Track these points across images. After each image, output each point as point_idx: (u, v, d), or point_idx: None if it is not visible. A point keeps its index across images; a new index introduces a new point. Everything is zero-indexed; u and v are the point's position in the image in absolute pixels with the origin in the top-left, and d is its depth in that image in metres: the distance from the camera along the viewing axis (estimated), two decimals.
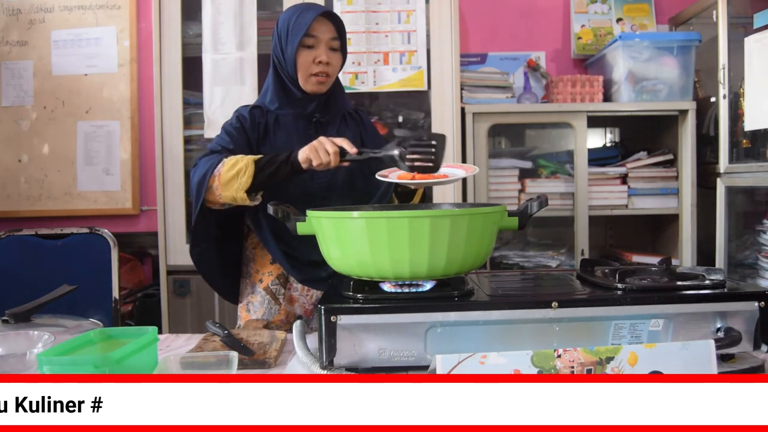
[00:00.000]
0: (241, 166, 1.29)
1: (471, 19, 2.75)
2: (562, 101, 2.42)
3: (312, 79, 1.41)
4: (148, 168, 2.71)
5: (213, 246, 1.49)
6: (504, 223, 1.10)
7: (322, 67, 1.40)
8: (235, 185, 1.28)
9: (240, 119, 1.45)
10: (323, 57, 1.39)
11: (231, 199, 1.31)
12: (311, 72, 1.41)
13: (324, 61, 1.40)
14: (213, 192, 1.33)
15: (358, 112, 1.57)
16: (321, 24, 1.40)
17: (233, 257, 1.56)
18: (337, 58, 1.44)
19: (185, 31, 2.34)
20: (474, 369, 0.77)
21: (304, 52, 1.40)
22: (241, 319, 1.54)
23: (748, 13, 2.11)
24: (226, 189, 1.30)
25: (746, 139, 2.19)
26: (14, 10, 2.74)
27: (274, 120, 1.45)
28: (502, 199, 2.41)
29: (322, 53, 1.40)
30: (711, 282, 1.04)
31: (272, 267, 1.49)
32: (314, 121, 1.46)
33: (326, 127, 1.48)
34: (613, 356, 0.79)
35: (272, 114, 1.45)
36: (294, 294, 1.49)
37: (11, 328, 1.20)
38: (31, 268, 2.21)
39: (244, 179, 1.28)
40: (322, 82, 1.42)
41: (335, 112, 1.50)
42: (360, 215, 1.00)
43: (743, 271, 2.22)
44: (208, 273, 1.54)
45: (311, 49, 1.40)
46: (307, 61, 1.40)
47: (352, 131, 1.51)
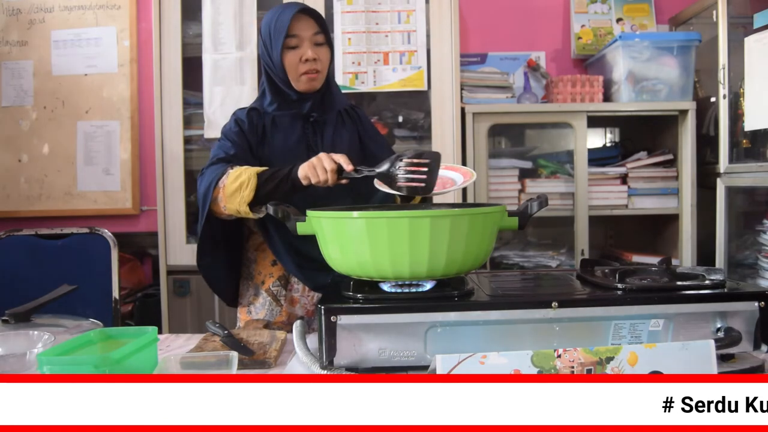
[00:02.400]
0: (243, 179, 1.28)
1: (471, 19, 2.75)
2: (562, 101, 2.42)
3: (303, 78, 1.40)
4: (148, 168, 2.71)
5: (221, 256, 1.49)
6: (504, 223, 1.10)
7: (310, 65, 1.39)
8: (238, 198, 1.28)
9: (238, 123, 1.44)
10: (309, 54, 1.38)
11: (235, 212, 1.31)
12: (300, 71, 1.40)
13: (310, 58, 1.38)
14: (218, 203, 1.33)
15: (354, 109, 1.55)
16: (300, 21, 1.39)
17: (234, 260, 1.55)
18: (324, 52, 1.42)
19: (185, 31, 2.34)
20: (474, 369, 0.77)
21: (289, 53, 1.39)
22: (240, 321, 1.53)
23: (748, 13, 2.11)
24: (230, 201, 1.29)
25: (746, 139, 2.19)
26: (14, 10, 2.74)
27: (271, 121, 1.44)
28: (502, 199, 2.40)
29: (307, 50, 1.39)
30: (711, 282, 1.04)
31: (273, 269, 1.49)
32: (311, 121, 1.46)
33: (323, 126, 1.47)
34: (613, 356, 0.79)
35: (269, 116, 1.45)
36: (295, 295, 1.48)
37: (11, 328, 1.20)
38: (31, 268, 2.21)
39: (246, 192, 1.27)
40: (313, 78, 1.41)
41: (331, 110, 1.49)
42: (360, 215, 1.00)
43: (743, 271, 2.22)
44: (215, 282, 1.53)
45: (296, 49, 1.39)
46: (294, 61, 1.39)
47: (349, 129, 1.50)
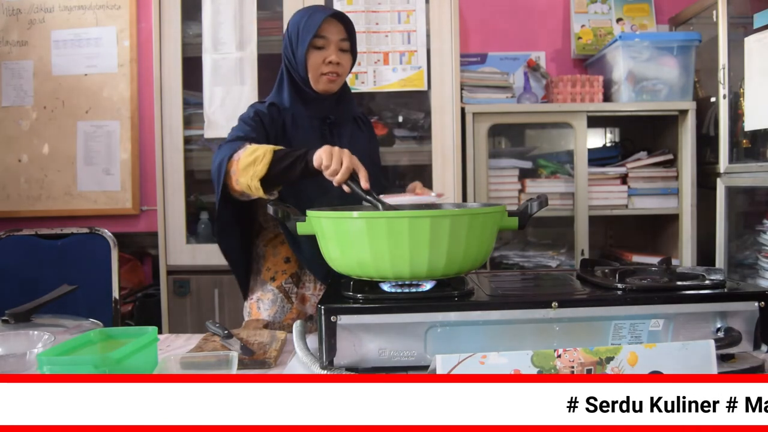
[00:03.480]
0: (259, 153, 1.23)
1: (471, 19, 2.75)
2: (562, 101, 2.42)
3: (322, 78, 1.42)
4: (148, 168, 2.71)
5: (238, 236, 1.48)
6: (504, 223, 1.10)
7: (332, 67, 1.41)
8: (251, 172, 1.22)
9: (259, 114, 1.42)
10: (333, 57, 1.40)
11: (246, 187, 1.25)
12: (321, 72, 1.41)
13: (334, 61, 1.40)
14: (231, 177, 1.28)
15: (367, 118, 1.59)
16: (331, 25, 1.40)
17: (248, 253, 1.55)
18: (347, 59, 1.45)
19: (185, 31, 2.34)
20: (474, 369, 0.77)
21: (314, 53, 1.40)
22: (251, 316, 1.53)
23: (748, 13, 2.11)
24: (242, 175, 1.24)
25: (746, 139, 2.19)
26: (14, 10, 2.74)
27: (291, 119, 1.45)
28: (502, 199, 2.40)
29: (332, 54, 1.40)
30: (711, 282, 1.04)
31: (286, 266, 1.49)
32: (328, 122, 1.47)
33: (340, 128, 1.49)
34: (613, 356, 0.79)
35: (288, 112, 1.45)
36: (306, 293, 1.49)
37: (11, 328, 1.20)
38: (31, 268, 2.21)
39: (260, 167, 1.22)
40: (332, 80, 1.42)
41: (347, 114, 1.52)
42: (360, 215, 1.00)
43: (743, 271, 2.22)
44: (236, 265, 1.51)
45: (321, 50, 1.41)
46: (317, 61, 1.41)
47: (364, 137, 1.54)
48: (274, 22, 2.34)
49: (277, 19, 2.33)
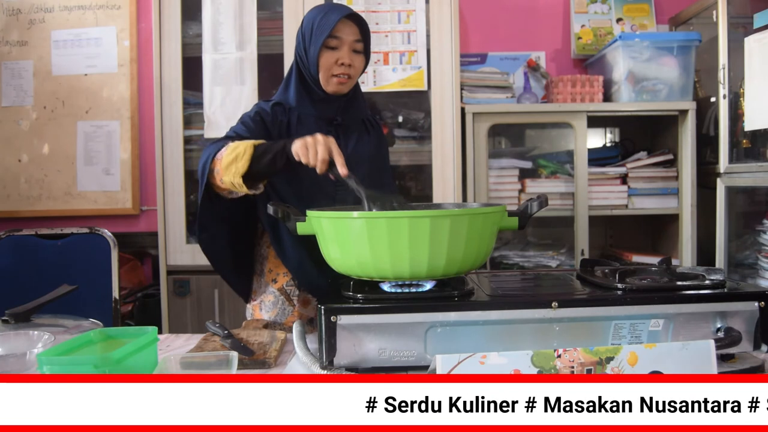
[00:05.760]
0: (240, 150, 1.22)
1: (471, 19, 2.75)
2: (562, 101, 2.42)
3: (333, 80, 1.39)
4: (148, 168, 2.71)
5: (224, 234, 1.45)
6: (504, 223, 1.10)
7: (344, 69, 1.38)
8: (233, 170, 1.21)
9: (261, 113, 1.42)
10: (346, 59, 1.37)
11: (230, 185, 1.24)
12: (333, 72, 1.39)
13: (346, 63, 1.38)
14: (215, 176, 1.27)
15: (377, 121, 1.57)
16: (345, 25, 1.38)
17: (247, 253, 1.53)
18: (360, 60, 1.42)
19: (185, 31, 2.34)
20: (474, 369, 0.77)
21: (327, 53, 1.38)
22: (253, 317, 1.52)
23: (748, 13, 2.11)
24: (225, 173, 1.23)
25: (746, 139, 2.19)
26: (14, 10, 2.74)
27: (297, 119, 1.43)
28: (502, 199, 2.40)
29: (345, 55, 1.38)
30: (711, 282, 1.04)
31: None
32: (335, 124, 1.45)
33: (347, 130, 1.47)
34: (613, 356, 0.79)
35: (294, 112, 1.43)
36: (308, 296, 1.48)
37: (11, 328, 1.20)
38: (31, 268, 2.21)
39: (241, 164, 1.20)
40: (343, 83, 1.40)
41: (355, 116, 1.49)
42: (360, 215, 1.00)
43: (743, 271, 2.22)
44: (219, 263, 1.48)
45: (334, 50, 1.38)
46: (329, 62, 1.38)
47: (372, 141, 1.51)
48: (274, 22, 2.34)
49: (277, 19, 2.33)
